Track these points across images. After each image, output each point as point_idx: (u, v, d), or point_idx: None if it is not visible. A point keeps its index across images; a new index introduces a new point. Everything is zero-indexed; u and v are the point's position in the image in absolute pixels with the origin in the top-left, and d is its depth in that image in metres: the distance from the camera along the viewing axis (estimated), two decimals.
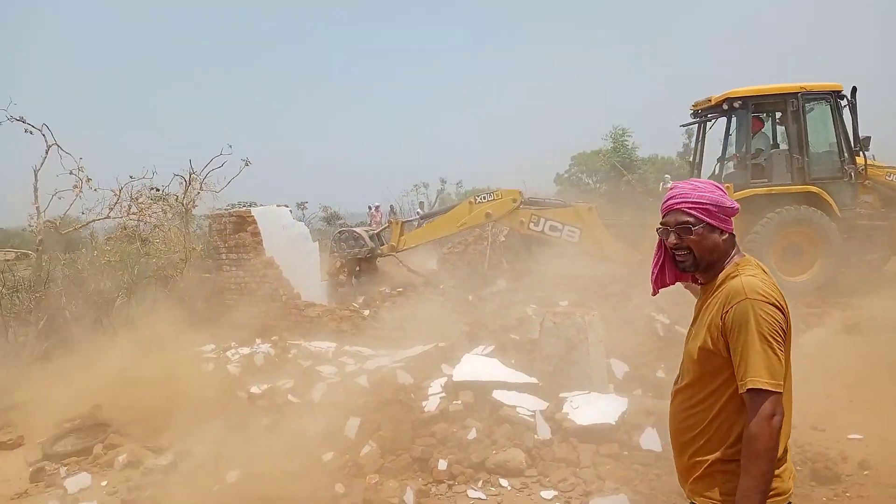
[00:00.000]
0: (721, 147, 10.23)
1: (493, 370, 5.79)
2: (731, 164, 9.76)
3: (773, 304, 1.96)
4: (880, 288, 9.62)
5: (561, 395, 5.45)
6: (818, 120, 9.25)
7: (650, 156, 26.69)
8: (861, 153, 9.17)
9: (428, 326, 8.91)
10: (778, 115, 9.64)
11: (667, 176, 21.09)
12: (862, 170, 9.20)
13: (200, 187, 10.26)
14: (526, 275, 10.49)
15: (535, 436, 4.92)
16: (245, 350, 7.68)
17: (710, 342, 2.04)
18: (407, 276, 10.38)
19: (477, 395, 5.47)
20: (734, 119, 9.65)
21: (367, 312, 8.77)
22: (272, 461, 5.14)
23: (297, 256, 10.01)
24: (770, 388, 1.88)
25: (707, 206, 2.14)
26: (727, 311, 1.98)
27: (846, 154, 9.21)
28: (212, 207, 10.68)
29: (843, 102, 9.25)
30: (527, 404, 5.25)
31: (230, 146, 10.42)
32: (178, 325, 8.60)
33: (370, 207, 21.17)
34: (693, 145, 10.73)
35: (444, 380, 5.93)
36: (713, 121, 10.38)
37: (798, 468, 4.36)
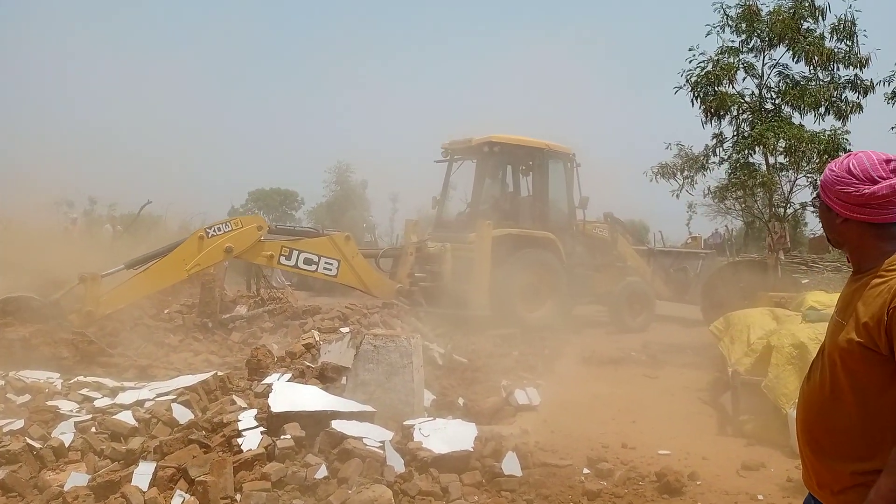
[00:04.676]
0: (472, 188, 10.87)
1: (318, 398, 4.98)
2: (483, 204, 10.39)
3: None
4: (594, 327, 11.13)
5: (405, 422, 4.93)
6: (554, 175, 10.47)
7: None
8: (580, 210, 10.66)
9: (170, 353, 7.50)
10: (522, 166, 10.65)
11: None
12: (581, 224, 10.66)
13: None
14: (270, 301, 9.56)
15: (395, 469, 4.31)
16: None
17: (865, 337, 1.85)
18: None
19: (307, 427, 4.62)
20: (489, 161, 10.35)
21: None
22: None
23: None
24: None
25: (825, 185, 1.95)
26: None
27: (571, 209, 10.60)
28: None
29: (570, 165, 10.69)
30: (372, 435, 4.60)
31: None
32: None
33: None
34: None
35: (252, 412, 4.89)
36: (462, 162, 11.02)
37: (653, 482, 4.59)
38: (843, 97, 9.55)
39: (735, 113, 9.92)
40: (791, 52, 9.67)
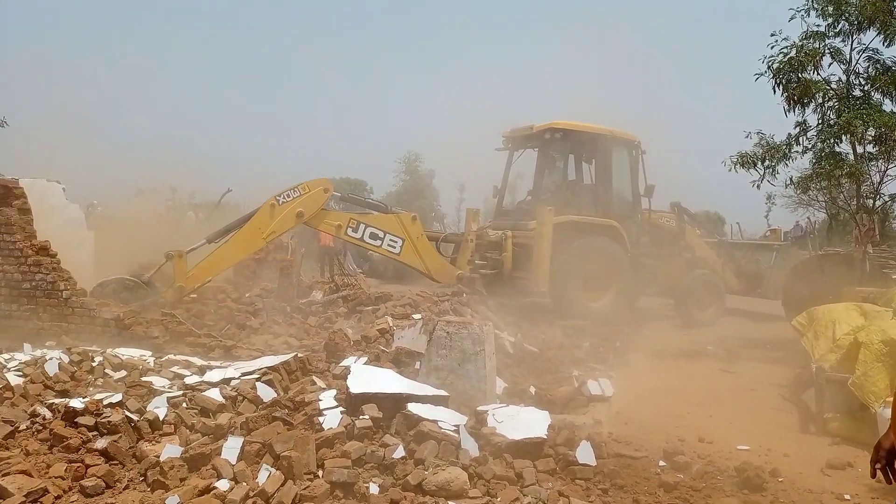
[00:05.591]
0: (533, 175, 10.80)
1: (394, 382, 5.11)
2: (544, 192, 10.33)
3: None
4: (660, 319, 10.89)
5: (479, 408, 5.00)
6: (618, 162, 10.29)
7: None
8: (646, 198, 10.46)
9: (251, 335, 7.80)
10: (585, 153, 10.51)
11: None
12: (646, 213, 10.45)
13: None
14: (343, 287, 9.81)
15: (470, 453, 4.39)
16: (22, 356, 5.82)
17: None
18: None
19: (384, 408, 4.75)
20: (551, 148, 10.25)
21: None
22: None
23: (69, 246, 8.07)
24: None
25: None
26: None
27: (636, 197, 10.39)
28: None
29: (635, 152, 10.47)
30: (446, 418, 4.69)
31: None
32: None
33: None
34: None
35: (331, 393, 5.07)
36: (523, 150, 10.94)
37: (732, 477, 4.51)
38: None
39: (820, 100, 9.50)
40: (882, 36, 9.18)
